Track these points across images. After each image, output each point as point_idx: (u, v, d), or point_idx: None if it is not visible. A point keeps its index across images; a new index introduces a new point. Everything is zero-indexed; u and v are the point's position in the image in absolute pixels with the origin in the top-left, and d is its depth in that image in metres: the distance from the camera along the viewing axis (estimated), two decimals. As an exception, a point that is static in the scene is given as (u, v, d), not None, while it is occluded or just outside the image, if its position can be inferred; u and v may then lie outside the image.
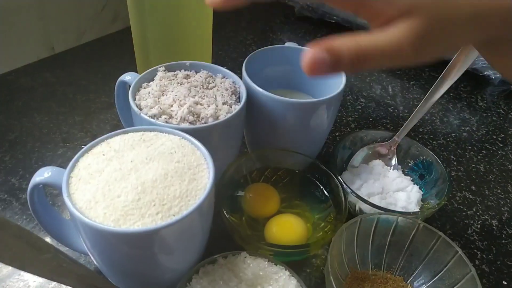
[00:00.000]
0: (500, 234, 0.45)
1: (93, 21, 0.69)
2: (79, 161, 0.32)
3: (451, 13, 0.25)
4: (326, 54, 0.24)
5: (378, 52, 0.24)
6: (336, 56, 0.24)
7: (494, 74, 0.62)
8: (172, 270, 0.33)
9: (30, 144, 0.50)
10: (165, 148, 0.33)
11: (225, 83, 0.42)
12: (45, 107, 0.56)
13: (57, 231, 0.36)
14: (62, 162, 0.48)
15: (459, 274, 0.35)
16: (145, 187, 0.30)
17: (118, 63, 0.66)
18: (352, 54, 0.24)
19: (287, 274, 0.34)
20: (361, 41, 0.24)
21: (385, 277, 0.38)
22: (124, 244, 0.29)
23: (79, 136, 0.52)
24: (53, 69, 0.63)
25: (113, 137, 0.34)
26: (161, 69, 0.42)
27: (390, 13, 0.25)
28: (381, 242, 0.38)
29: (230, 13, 0.86)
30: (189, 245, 0.33)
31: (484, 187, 0.51)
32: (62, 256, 0.31)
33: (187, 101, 0.38)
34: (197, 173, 0.32)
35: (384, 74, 0.70)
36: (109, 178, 0.30)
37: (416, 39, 0.24)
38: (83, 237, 0.31)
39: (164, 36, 0.48)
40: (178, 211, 0.29)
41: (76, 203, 0.29)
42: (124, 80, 0.42)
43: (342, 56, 0.24)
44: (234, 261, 0.34)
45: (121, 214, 0.28)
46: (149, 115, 0.37)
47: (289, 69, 0.50)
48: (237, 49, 0.73)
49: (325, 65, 0.24)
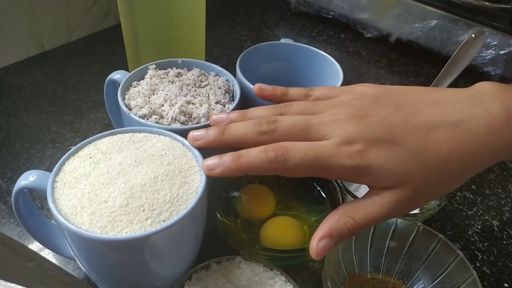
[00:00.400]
0: (501, 234, 0.44)
1: (84, 17, 0.67)
2: (65, 164, 0.31)
3: (439, 175, 0.28)
4: (329, 240, 0.27)
5: (371, 221, 0.28)
6: (337, 238, 0.27)
7: (494, 70, 0.61)
8: (164, 276, 0.32)
9: (18, 145, 0.49)
10: (155, 150, 0.32)
11: (218, 82, 0.41)
12: (34, 106, 0.54)
13: (44, 236, 0.34)
14: (51, 163, 0.47)
15: (460, 278, 0.34)
16: (133, 192, 0.28)
17: (109, 60, 0.64)
18: (351, 229, 0.27)
19: (283, 280, 0.33)
20: (355, 217, 0.28)
21: (384, 280, 0.37)
22: (112, 251, 0.28)
23: (69, 136, 0.50)
24: (43, 67, 0.61)
25: (101, 138, 0.33)
26: (152, 67, 0.41)
27: (379, 186, 0.28)
28: (380, 245, 0.37)
29: (225, 8, 0.85)
30: (180, 251, 0.31)
31: (485, 186, 0.50)
32: (48, 264, 0.30)
33: (178, 100, 0.37)
34: (189, 176, 0.31)
35: (382, 70, 0.69)
36: (96, 182, 0.29)
37: (405, 205, 0.28)
38: (69, 244, 0.29)
39: (154, 33, 0.46)
40: (168, 217, 0.28)
41: (61, 209, 0.28)
42: (113, 79, 0.40)
43: (344, 235, 0.27)
44: (228, 267, 0.33)
45: (108, 220, 0.27)
46: (139, 115, 0.35)
47: (285, 66, 0.49)
48: (232, 46, 0.71)
49: (330, 248, 0.27)
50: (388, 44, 0.72)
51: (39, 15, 0.60)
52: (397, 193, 0.27)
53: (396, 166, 0.27)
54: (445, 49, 0.65)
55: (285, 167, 0.27)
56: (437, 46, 0.66)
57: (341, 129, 0.28)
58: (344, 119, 0.29)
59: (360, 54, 0.73)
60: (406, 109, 0.29)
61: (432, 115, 0.28)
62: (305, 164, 0.27)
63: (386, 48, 0.73)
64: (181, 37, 0.48)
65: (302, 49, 0.48)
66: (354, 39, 0.76)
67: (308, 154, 0.27)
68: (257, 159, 0.28)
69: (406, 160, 0.27)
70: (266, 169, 0.28)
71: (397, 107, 0.29)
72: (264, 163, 0.28)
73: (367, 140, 0.27)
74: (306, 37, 0.76)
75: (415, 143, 0.27)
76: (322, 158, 0.27)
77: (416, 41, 0.68)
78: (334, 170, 0.27)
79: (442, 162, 0.27)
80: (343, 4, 0.72)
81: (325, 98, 0.33)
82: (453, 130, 0.27)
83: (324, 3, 0.75)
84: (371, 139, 0.27)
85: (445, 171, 0.27)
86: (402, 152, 0.27)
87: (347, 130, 0.28)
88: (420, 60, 0.71)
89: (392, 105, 0.29)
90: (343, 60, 0.71)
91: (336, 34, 0.77)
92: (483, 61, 0.61)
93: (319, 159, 0.27)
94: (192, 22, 0.48)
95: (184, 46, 0.49)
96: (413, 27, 0.66)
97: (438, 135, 0.27)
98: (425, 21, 0.65)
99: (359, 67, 0.70)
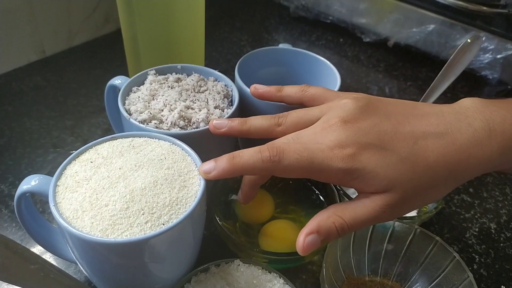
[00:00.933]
0: (498, 237, 0.44)
1: (85, 23, 0.68)
2: (66, 169, 0.31)
3: (427, 181, 0.28)
4: (317, 237, 0.28)
5: (359, 223, 0.28)
6: (325, 235, 0.28)
7: (492, 74, 0.62)
8: (163, 279, 0.33)
9: (20, 150, 0.49)
10: (155, 154, 0.32)
11: (217, 87, 0.41)
12: (35, 112, 0.55)
13: (46, 239, 0.35)
14: (52, 168, 0.48)
15: (457, 280, 0.34)
16: (133, 196, 0.29)
17: (109, 66, 0.65)
18: (339, 229, 0.28)
19: (282, 282, 0.33)
20: (344, 217, 0.28)
21: (382, 283, 0.38)
22: (112, 254, 0.28)
23: (70, 141, 0.51)
24: (44, 72, 0.62)
25: (102, 143, 0.33)
26: (152, 72, 0.42)
27: (367, 190, 0.29)
28: (377, 247, 0.38)
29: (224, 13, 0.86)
30: (180, 254, 0.32)
31: (482, 189, 0.50)
32: (50, 266, 0.30)
33: (177, 105, 0.37)
34: (188, 180, 0.31)
35: (380, 75, 0.70)
36: (96, 186, 0.30)
37: (393, 210, 0.28)
38: (71, 247, 0.30)
39: (154, 39, 0.47)
40: (168, 220, 0.28)
41: (63, 212, 0.28)
42: (114, 84, 0.41)
43: (331, 234, 0.28)
44: (227, 269, 0.34)
45: (109, 224, 0.27)
46: (139, 120, 0.36)
47: (283, 71, 0.50)
48: (231, 51, 0.72)
49: (316, 244, 0.28)
50: (386, 49, 0.73)
51: (40, 21, 0.61)
52: (386, 197, 0.28)
53: (386, 170, 0.27)
54: (443, 53, 0.65)
55: (279, 167, 0.28)
56: (435, 51, 0.66)
57: (333, 134, 0.29)
58: (336, 124, 0.29)
59: (359, 59, 0.73)
60: (396, 118, 0.30)
61: (420, 126, 0.29)
62: (299, 165, 0.28)
63: (385, 53, 0.74)
64: (181, 43, 0.49)
65: (301, 54, 0.49)
66: (352, 43, 0.76)
67: (303, 155, 0.28)
68: (251, 159, 0.28)
69: (396, 166, 0.28)
70: (260, 169, 0.28)
71: (387, 116, 0.30)
72: (258, 163, 0.28)
73: (359, 144, 0.28)
74: (305, 41, 0.77)
75: (405, 149, 0.28)
76: (316, 160, 0.28)
77: (414, 46, 0.68)
78: (328, 173, 0.28)
79: (430, 170, 0.28)
80: (341, 9, 0.73)
81: (319, 97, 0.34)
82: (439, 140, 0.29)
83: (322, 8, 0.76)
84: (362, 144, 0.28)
85: (432, 179, 0.28)
86: (392, 157, 0.28)
87: (339, 135, 0.29)
88: (418, 64, 0.72)
89: (382, 113, 0.30)
90: (341, 65, 0.71)
91: (335, 39, 0.78)
92: (480, 65, 0.62)
93: (313, 160, 0.28)
94: (191, 27, 0.49)
95: (183, 51, 0.50)
96: (411, 31, 0.67)
97: (425, 144, 0.28)
98: (423, 25, 0.65)
99: (357, 71, 0.70)
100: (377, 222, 0.29)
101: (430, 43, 0.66)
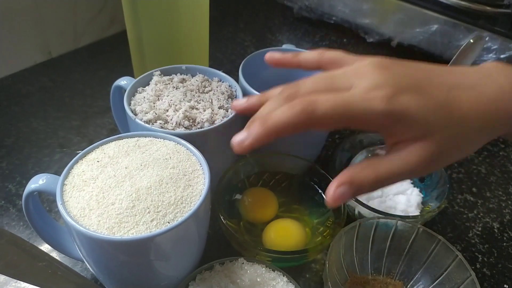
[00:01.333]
0: (501, 236, 0.44)
1: (90, 25, 0.68)
2: (74, 168, 0.32)
3: (462, 131, 0.27)
4: (348, 188, 0.26)
5: (394, 176, 0.27)
6: (357, 188, 0.26)
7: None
8: (169, 277, 0.33)
9: (27, 150, 0.50)
10: (160, 154, 0.33)
11: (221, 87, 0.42)
12: (41, 112, 0.56)
13: (53, 238, 0.35)
14: (59, 167, 0.48)
15: (459, 279, 0.34)
16: (139, 194, 0.29)
17: (115, 66, 0.65)
18: (371, 183, 0.26)
19: (285, 280, 0.33)
20: (379, 169, 0.26)
21: (385, 281, 0.38)
22: (118, 252, 0.29)
23: (76, 141, 0.52)
24: (50, 73, 0.63)
25: (108, 143, 0.34)
26: (157, 73, 0.42)
27: (405, 137, 0.27)
28: (380, 246, 0.38)
29: (228, 14, 0.86)
30: (185, 252, 0.32)
31: (485, 189, 0.50)
32: (57, 264, 0.31)
33: (182, 105, 0.38)
34: (193, 179, 0.31)
35: (383, 74, 0.70)
36: (103, 185, 0.30)
37: (430, 161, 0.27)
38: (78, 245, 0.30)
39: (159, 40, 0.48)
40: (173, 218, 0.29)
41: (70, 211, 0.29)
42: (119, 85, 0.42)
43: (363, 187, 0.26)
44: (232, 268, 0.34)
45: (115, 222, 0.28)
46: (144, 121, 0.36)
47: (287, 71, 0.50)
48: (235, 51, 0.72)
49: (347, 197, 0.26)
50: (389, 49, 0.73)
51: (46, 23, 0.62)
52: (423, 148, 0.26)
53: (426, 114, 0.26)
54: (446, 53, 0.66)
55: (314, 118, 0.26)
56: (438, 51, 0.66)
57: (368, 78, 0.27)
58: (369, 70, 0.28)
59: (362, 59, 0.73)
60: (426, 70, 0.29)
61: (449, 78, 0.28)
62: (335, 112, 0.26)
63: (388, 53, 0.74)
64: (185, 44, 0.49)
65: (304, 55, 0.49)
66: (356, 43, 0.76)
67: (337, 102, 0.26)
68: (284, 116, 0.26)
69: (435, 111, 0.26)
70: (294, 126, 0.26)
71: (417, 68, 0.29)
72: (292, 119, 0.26)
73: (397, 86, 0.26)
74: (309, 42, 0.77)
75: (441, 96, 0.27)
76: (352, 104, 0.26)
77: (417, 46, 0.69)
78: (367, 117, 0.26)
79: (464, 119, 0.27)
80: (345, 9, 0.73)
81: (339, 61, 0.32)
82: (470, 91, 0.28)
83: (326, 9, 0.76)
84: (400, 86, 0.26)
85: (467, 128, 0.27)
86: (430, 102, 0.26)
87: (374, 78, 0.27)
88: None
89: (412, 66, 0.29)
90: (345, 65, 0.71)
91: (339, 39, 0.78)
92: (483, 65, 0.62)
93: (349, 105, 0.26)
94: (196, 28, 0.49)
95: (188, 52, 0.50)
96: (414, 31, 0.67)
97: (458, 94, 0.27)
98: (426, 25, 0.65)
99: (361, 71, 0.71)
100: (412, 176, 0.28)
101: (433, 43, 0.66)
